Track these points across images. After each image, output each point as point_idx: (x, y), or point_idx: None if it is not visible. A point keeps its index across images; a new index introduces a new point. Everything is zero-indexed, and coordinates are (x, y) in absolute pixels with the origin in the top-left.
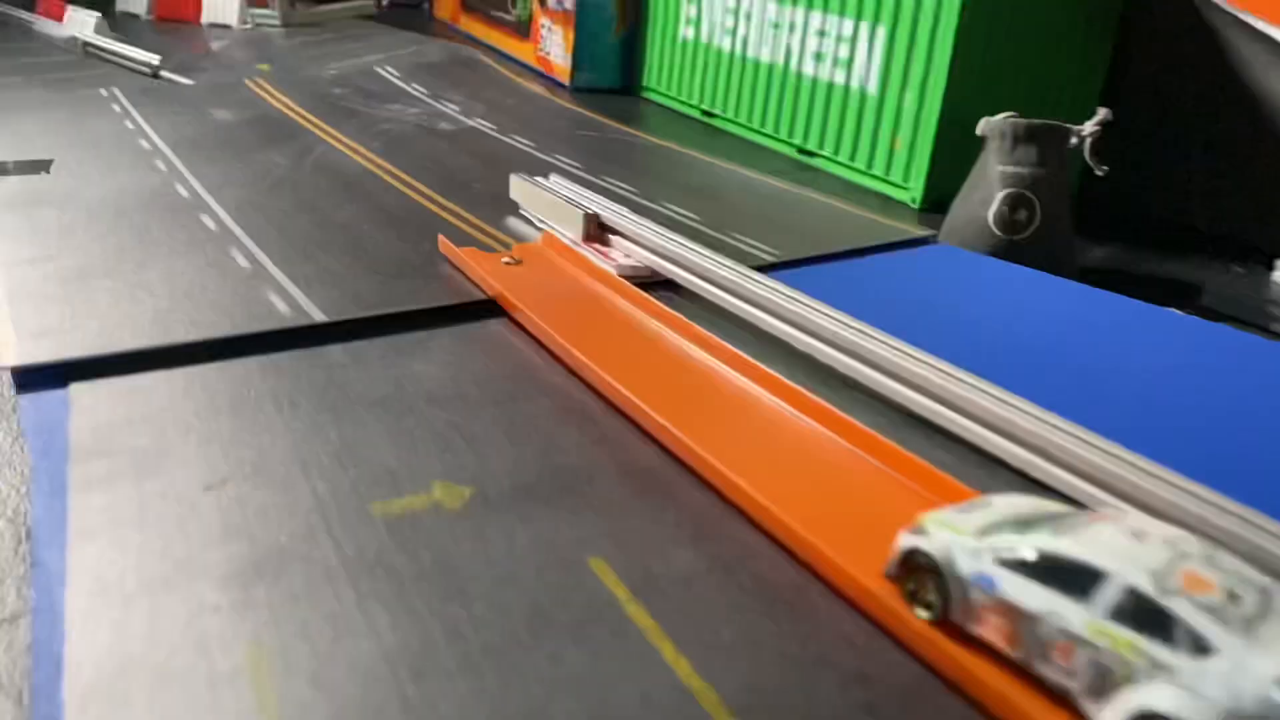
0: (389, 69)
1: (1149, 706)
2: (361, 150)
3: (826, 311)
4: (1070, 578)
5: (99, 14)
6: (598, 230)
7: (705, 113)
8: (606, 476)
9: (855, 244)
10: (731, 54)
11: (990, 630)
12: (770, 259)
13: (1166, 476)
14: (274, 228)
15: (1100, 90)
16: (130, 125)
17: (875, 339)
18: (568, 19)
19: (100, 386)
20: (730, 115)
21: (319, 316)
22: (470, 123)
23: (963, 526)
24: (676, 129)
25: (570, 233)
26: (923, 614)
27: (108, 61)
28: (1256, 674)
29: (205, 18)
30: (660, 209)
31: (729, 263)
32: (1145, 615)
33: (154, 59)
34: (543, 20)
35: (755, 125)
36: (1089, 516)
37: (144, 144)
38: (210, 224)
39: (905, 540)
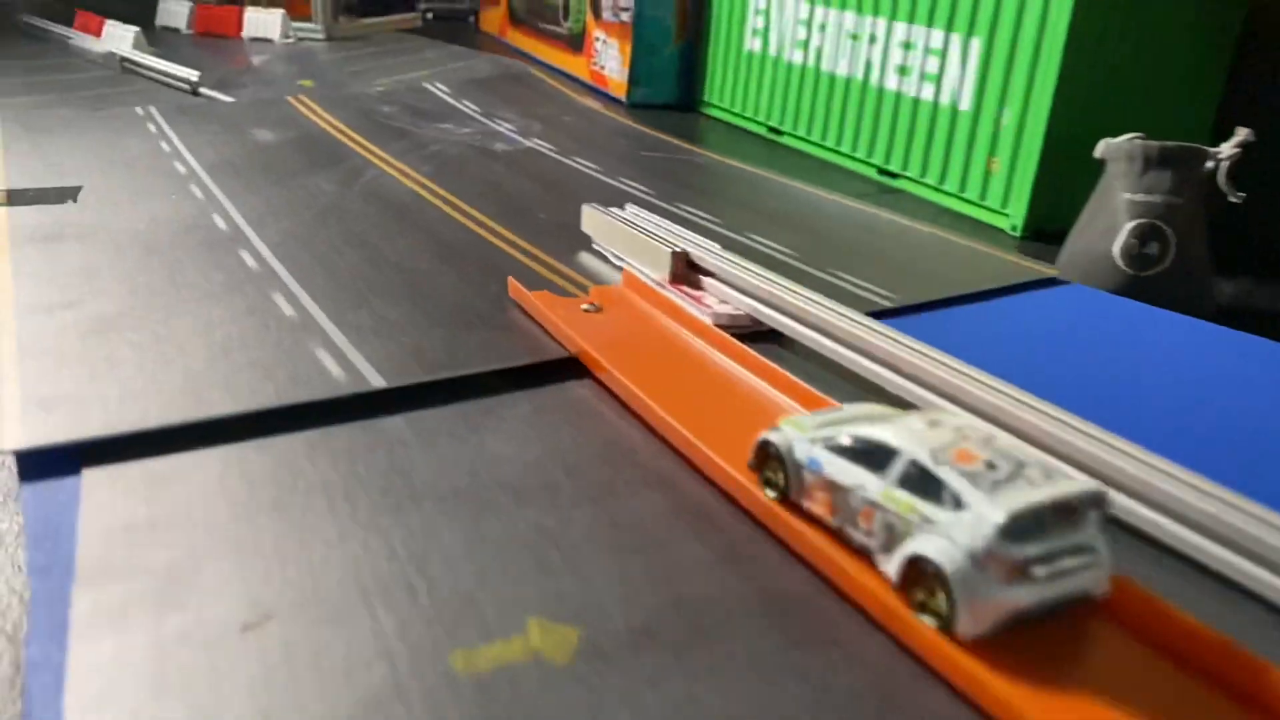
0: (438, 85)
1: (916, 551)
2: (413, 174)
3: (963, 370)
4: (873, 456)
5: (137, 29)
6: (686, 270)
7: (772, 129)
8: (748, 613)
9: (975, 283)
10: (803, 67)
11: (817, 504)
12: (886, 303)
13: None
14: (321, 266)
15: (1217, 106)
16: (166, 147)
17: (1028, 405)
18: (624, 32)
19: (119, 474)
20: (801, 132)
21: (376, 381)
22: (527, 143)
23: (806, 424)
24: (743, 147)
25: (655, 273)
26: (771, 494)
27: (145, 78)
28: (988, 520)
29: (246, 32)
30: (748, 241)
31: (842, 309)
32: (922, 482)
33: (192, 75)
34: (596, 33)
35: (830, 144)
36: (908, 413)
37: (180, 167)
38: (250, 261)
39: (761, 435)
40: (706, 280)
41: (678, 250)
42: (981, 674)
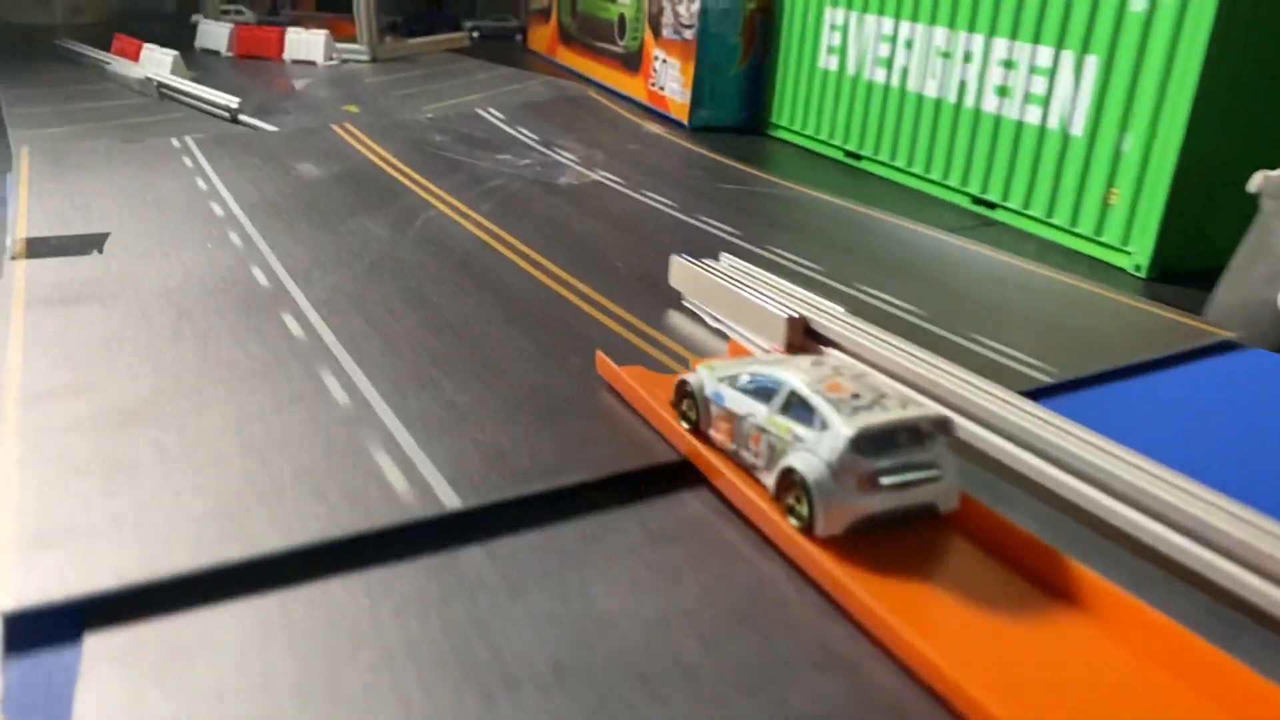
0: (491, 110)
1: (787, 464)
2: (472, 214)
3: (1156, 472)
4: (763, 389)
5: (175, 53)
6: (805, 339)
7: (849, 154)
8: None
9: (1133, 345)
10: (886, 87)
11: (720, 432)
12: (1045, 378)
13: None
14: (377, 333)
15: None
16: (203, 184)
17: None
18: (687, 50)
19: (131, 641)
20: (883, 158)
21: (449, 498)
22: (593, 175)
23: (717, 367)
24: (822, 175)
25: (766, 341)
26: (685, 425)
27: (183, 104)
28: (842, 436)
29: (288, 54)
30: (859, 295)
31: (999, 391)
32: (798, 408)
33: (232, 102)
34: (655, 52)
35: (917, 170)
36: (800, 356)
37: (217, 209)
38: (295, 328)
39: (680, 377)
40: (830, 352)
41: (794, 316)
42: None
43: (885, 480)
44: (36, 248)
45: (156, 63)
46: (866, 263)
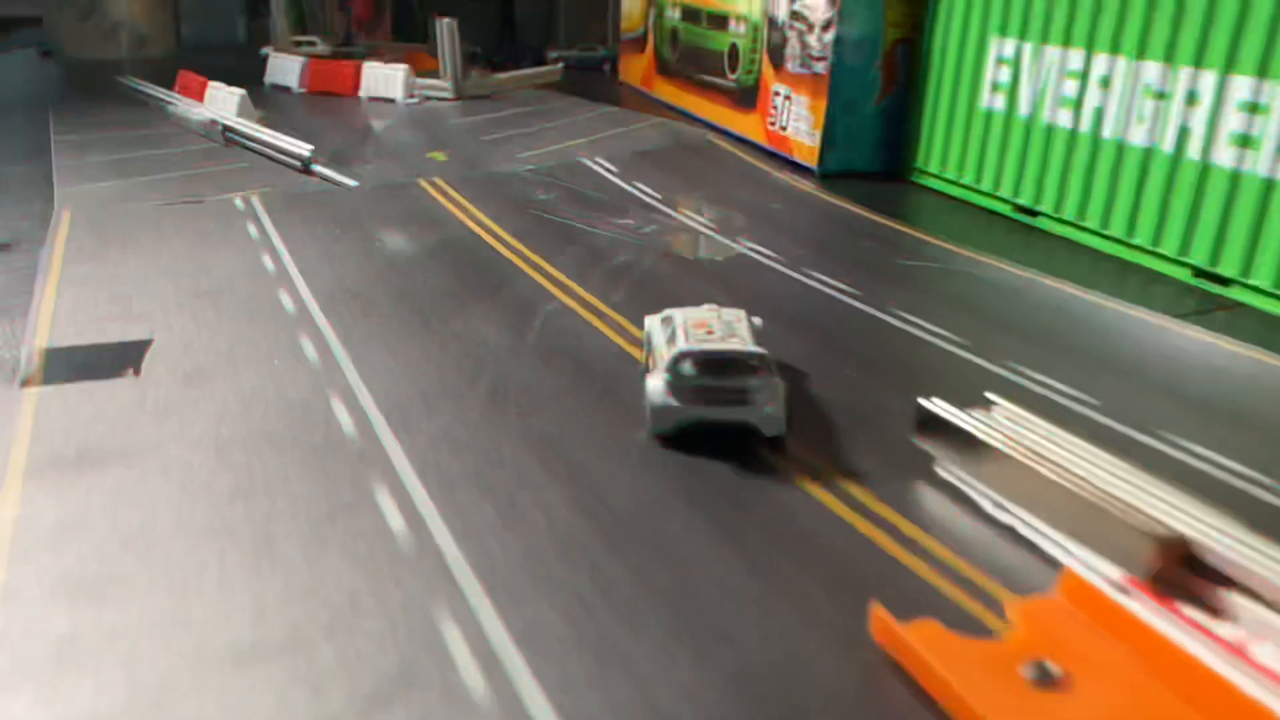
0: (600, 161)
1: (647, 371)
2: (602, 308)
3: None
4: (670, 328)
5: (242, 91)
6: (1182, 569)
7: (1020, 209)
8: None
9: None
10: (1072, 133)
11: (652, 362)
12: None
13: None
14: (513, 531)
15: None
16: (269, 262)
17: None
18: (817, 85)
19: None
20: (1067, 215)
21: None
22: (737, 246)
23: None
24: (996, 237)
25: (1111, 567)
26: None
27: (251, 151)
28: (669, 356)
29: (364, 90)
30: (1190, 460)
31: None
32: (672, 337)
33: (304, 149)
34: (776, 87)
35: (1114, 233)
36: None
37: (286, 300)
38: (394, 518)
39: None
40: (1239, 605)
41: (1163, 535)
42: None
43: (700, 396)
44: (55, 367)
45: (222, 102)
46: (1156, 394)
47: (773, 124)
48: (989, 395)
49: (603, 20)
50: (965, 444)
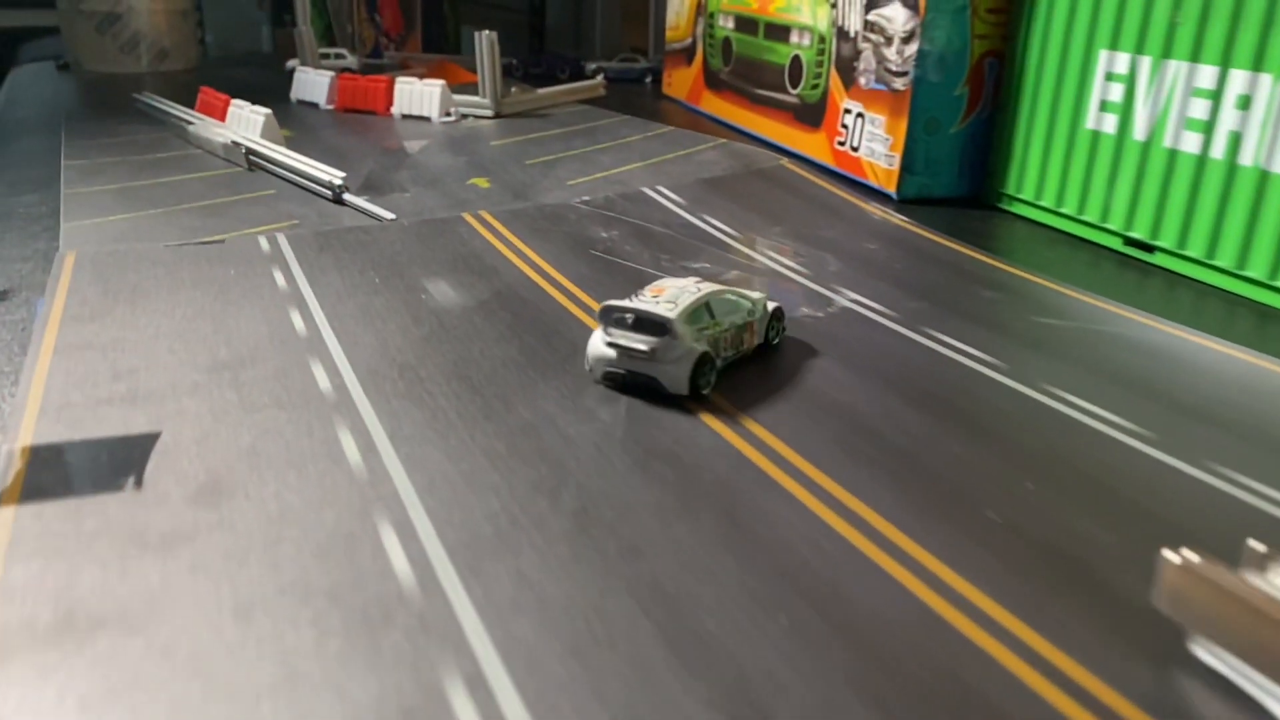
0: (661, 189)
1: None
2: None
3: None
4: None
5: (267, 111)
6: None
7: (1132, 242)
8: None
9: None
10: (1201, 159)
11: None
12: None
13: None
14: None
15: None
16: (299, 322)
17: None
18: (897, 103)
19: None
20: (1192, 252)
21: None
22: (838, 298)
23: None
24: (1108, 276)
25: None
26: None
27: (277, 176)
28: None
29: (397, 108)
30: None
31: None
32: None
33: (336, 176)
34: (847, 104)
35: (1254, 274)
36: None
37: (321, 376)
38: None
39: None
40: None
41: None
42: None
43: (617, 347)
44: (38, 476)
45: (246, 123)
46: None
47: (841, 144)
48: (1252, 544)
49: (640, 29)
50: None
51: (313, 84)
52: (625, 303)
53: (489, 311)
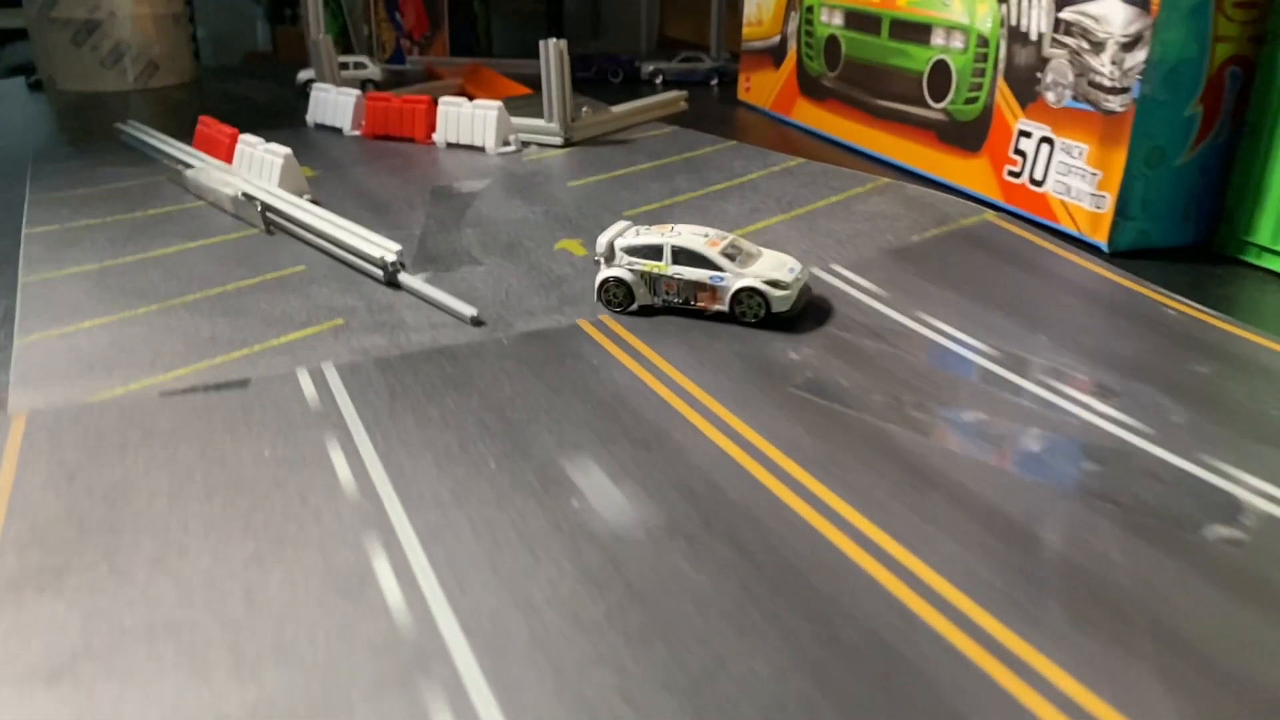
0: (838, 269)
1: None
2: (1056, 679)
3: None
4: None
5: (287, 152)
6: None
7: None
8: None
9: None
10: None
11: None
12: None
13: None
14: None
15: None
16: (388, 586)
17: None
18: (1109, 127)
19: None
20: None
21: None
22: (1235, 491)
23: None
24: None
25: None
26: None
27: (305, 243)
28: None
29: (441, 135)
30: None
31: None
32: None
33: (388, 251)
34: (1024, 125)
35: None
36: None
37: (429, 688)
38: None
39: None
40: None
41: None
42: None
43: (632, 268)
44: None
45: (259, 167)
46: None
47: (1015, 175)
48: None
49: (683, 18)
50: None
51: (334, 105)
52: (631, 238)
53: (690, 540)
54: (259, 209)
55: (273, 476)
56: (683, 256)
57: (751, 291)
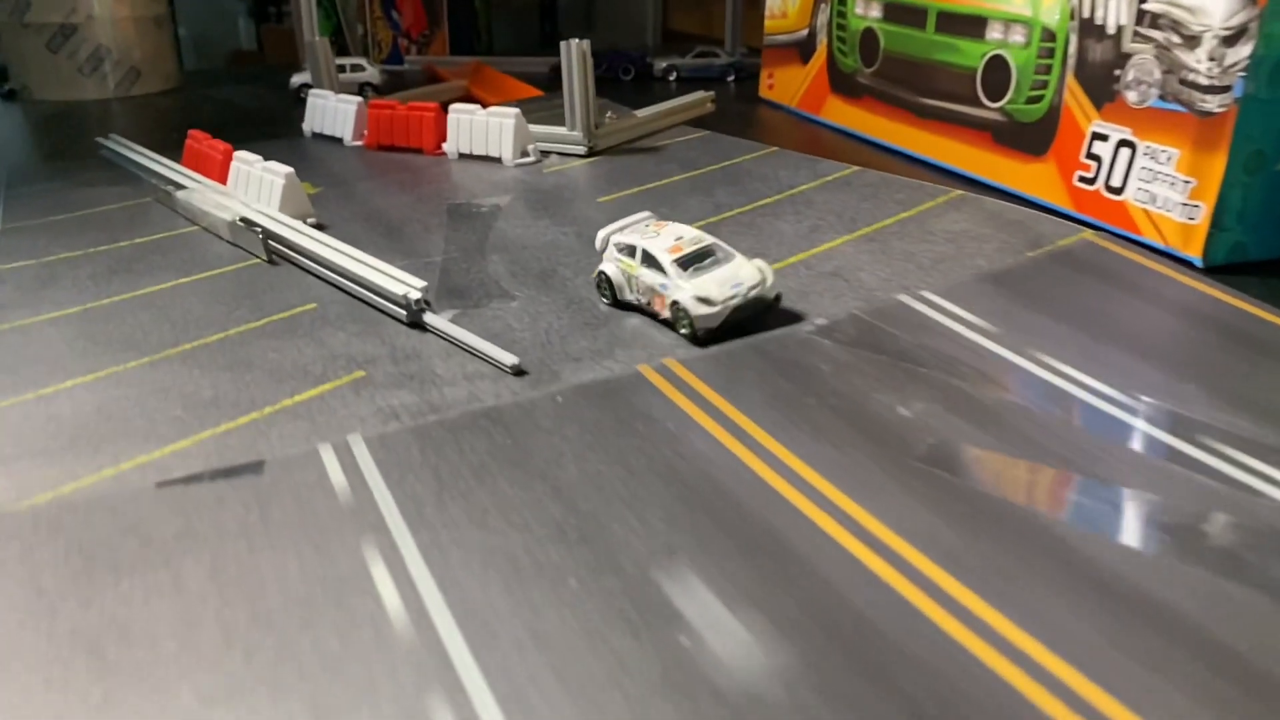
0: (929, 296)
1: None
2: None
3: None
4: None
5: (289, 171)
6: None
7: None
8: None
9: None
10: None
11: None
12: None
13: None
14: None
15: None
16: (444, 706)
17: None
18: (1204, 130)
19: None
20: None
21: None
22: None
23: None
24: None
25: None
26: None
27: (312, 274)
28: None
29: (452, 145)
30: None
31: None
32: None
33: (412, 289)
34: (1098, 126)
35: None
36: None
37: None
38: None
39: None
40: None
41: None
42: None
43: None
44: None
45: (258, 187)
46: None
47: (1089, 181)
48: None
49: (688, 10)
50: None
51: (334, 113)
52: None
53: (850, 703)
54: (260, 236)
55: (302, 607)
56: (647, 259)
57: (676, 305)
